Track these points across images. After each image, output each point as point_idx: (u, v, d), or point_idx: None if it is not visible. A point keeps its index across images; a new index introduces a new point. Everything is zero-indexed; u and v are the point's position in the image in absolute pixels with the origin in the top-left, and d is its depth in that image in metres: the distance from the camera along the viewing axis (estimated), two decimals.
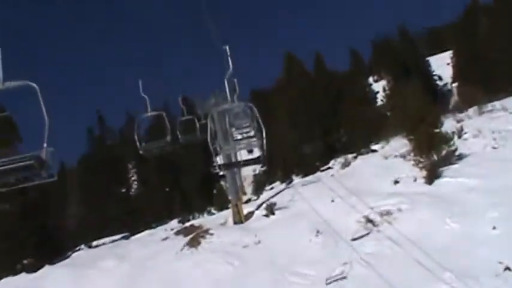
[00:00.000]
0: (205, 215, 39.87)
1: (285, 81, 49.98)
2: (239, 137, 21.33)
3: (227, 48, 13.79)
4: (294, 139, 45.53)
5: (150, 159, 57.65)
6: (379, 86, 63.73)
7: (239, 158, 26.37)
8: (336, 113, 46.14)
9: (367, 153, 38.42)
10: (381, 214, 24.76)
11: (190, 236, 29.67)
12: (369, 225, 24.48)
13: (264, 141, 13.69)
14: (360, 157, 37.88)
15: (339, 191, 29.53)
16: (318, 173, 39.33)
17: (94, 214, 46.79)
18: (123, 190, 73.33)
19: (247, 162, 17.03)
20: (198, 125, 24.15)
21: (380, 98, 56.60)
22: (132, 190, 71.54)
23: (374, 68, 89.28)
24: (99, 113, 53.19)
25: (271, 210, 29.75)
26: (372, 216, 24.95)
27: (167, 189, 58.13)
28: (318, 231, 25.41)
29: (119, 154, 62.07)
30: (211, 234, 28.77)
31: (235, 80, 19.00)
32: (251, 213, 31.26)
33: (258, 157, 15.15)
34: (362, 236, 23.75)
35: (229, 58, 13.83)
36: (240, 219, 30.59)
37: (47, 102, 7.19)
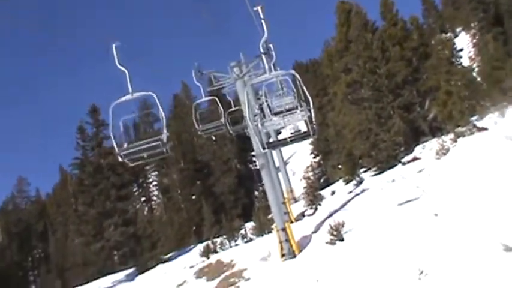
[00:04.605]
0: (240, 240, 32.76)
1: (340, 41, 41.95)
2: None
3: (259, 9, 13.63)
4: (359, 120, 38.72)
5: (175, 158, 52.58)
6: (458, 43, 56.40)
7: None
8: (417, 79, 38.53)
9: (472, 133, 30.83)
10: None
11: (216, 280, 24.82)
12: None
13: (312, 111, 14.45)
14: (461, 140, 30.48)
15: (444, 199, 21.75)
16: (400, 167, 33.40)
17: (93, 242, 40.13)
18: (144, 200, 68.73)
19: (295, 138, 17.03)
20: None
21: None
22: (154, 201, 67.26)
23: (446, 21, 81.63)
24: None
25: (338, 234, 23.36)
26: None
27: (194, 196, 53.32)
28: (421, 272, 17.24)
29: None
30: (247, 279, 23.77)
31: (271, 46, 18.94)
32: (306, 239, 25.48)
33: (307, 131, 15.39)
34: None
35: (262, 21, 13.56)
36: (290, 251, 24.72)
37: None
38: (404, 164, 33.49)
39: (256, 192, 53.55)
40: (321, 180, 52.00)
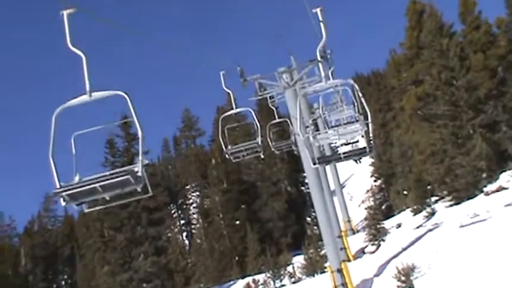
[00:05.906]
0: (286, 279, 30.79)
1: (411, 48, 39.68)
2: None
3: (319, 11, 13.39)
4: (432, 140, 36.39)
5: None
6: None
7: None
8: (504, 93, 35.67)
9: None
10: None
11: None
12: None
13: (370, 126, 14.11)
14: None
15: None
16: (482, 198, 30.65)
17: (120, 272, 38.66)
18: (183, 223, 67.45)
19: (350, 154, 17.24)
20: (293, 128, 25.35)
21: None
22: (193, 224, 66.39)
23: None
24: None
25: (407, 279, 21.71)
26: None
27: (237, 222, 52.18)
28: None
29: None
30: None
31: (330, 51, 19.76)
32: (367, 283, 24.29)
33: (364, 147, 15.19)
34: None
35: (321, 24, 13.37)
36: None
37: None
38: (487, 194, 30.75)
39: (308, 219, 51.97)
40: (383, 207, 50.32)
